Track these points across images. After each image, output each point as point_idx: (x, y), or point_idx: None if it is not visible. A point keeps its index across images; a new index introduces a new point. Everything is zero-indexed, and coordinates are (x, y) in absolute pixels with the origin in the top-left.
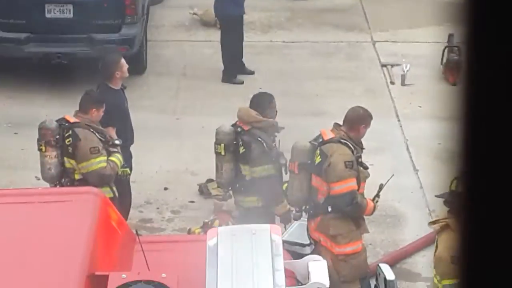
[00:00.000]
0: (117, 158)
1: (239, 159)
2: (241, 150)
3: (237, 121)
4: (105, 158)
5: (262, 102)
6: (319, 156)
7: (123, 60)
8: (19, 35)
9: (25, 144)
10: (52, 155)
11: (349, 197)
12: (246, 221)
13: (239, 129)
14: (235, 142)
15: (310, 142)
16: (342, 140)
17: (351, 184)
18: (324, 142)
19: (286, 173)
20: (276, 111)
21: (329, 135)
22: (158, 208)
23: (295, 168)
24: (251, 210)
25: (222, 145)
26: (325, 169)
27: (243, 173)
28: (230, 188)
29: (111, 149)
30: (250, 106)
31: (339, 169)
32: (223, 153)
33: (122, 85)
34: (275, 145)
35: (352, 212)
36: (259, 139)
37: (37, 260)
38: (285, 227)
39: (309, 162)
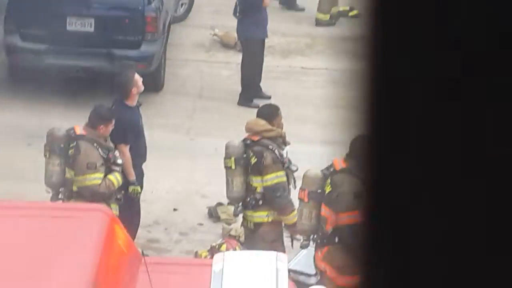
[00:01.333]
0: (115, 178)
1: (251, 171)
2: (253, 160)
3: (245, 136)
4: (101, 175)
5: (269, 112)
6: (329, 186)
7: (137, 75)
8: (39, 46)
9: (38, 156)
10: (55, 162)
11: (356, 229)
12: (253, 241)
13: (248, 142)
14: (245, 155)
15: (321, 171)
16: (353, 172)
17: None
18: (336, 172)
19: (291, 184)
20: (282, 124)
21: (341, 165)
22: (166, 229)
23: (305, 197)
24: (260, 226)
25: (232, 158)
26: (334, 199)
27: (254, 186)
28: (240, 204)
29: (113, 167)
30: (258, 117)
31: (348, 200)
32: (233, 167)
33: (137, 102)
34: (285, 156)
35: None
36: (270, 147)
37: (41, 275)
38: (291, 242)
39: (319, 191)
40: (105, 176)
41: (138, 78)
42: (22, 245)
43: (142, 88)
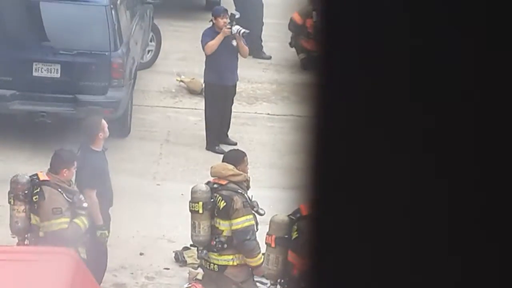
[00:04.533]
0: (82, 221)
1: (218, 215)
2: (221, 204)
3: (210, 180)
4: (67, 220)
5: (235, 158)
6: (296, 232)
7: (104, 121)
8: (4, 92)
9: (3, 201)
10: (20, 209)
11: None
12: (219, 283)
13: (215, 186)
14: (212, 200)
15: (288, 216)
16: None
17: None
18: (302, 218)
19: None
20: (247, 169)
21: (307, 211)
22: (132, 273)
23: (272, 242)
24: (225, 268)
25: (200, 203)
26: (301, 245)
27: (220, 229)
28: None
29: (78, 211)
30: (224, 161)
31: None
32: (201, 211)
33: (103, 147)
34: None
35: None
36: (239, 191)
37: None
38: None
39: (286, 236)
40: (71, 220)
41: (104, 124)
42: None
43: (108, 133)
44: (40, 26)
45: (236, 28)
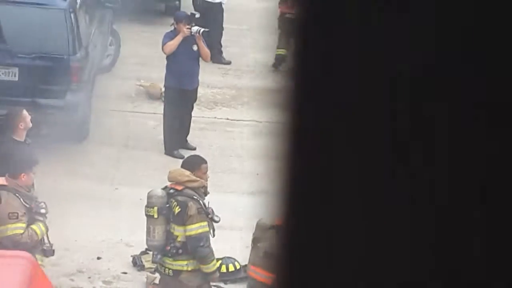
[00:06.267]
0: (39, 228)
1: (173, 220)
2: (176, 210)
3: (167, 184)
4: (24, 225)
5: (192, 163)
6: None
7: (25, 112)
8: None
9: None
10: None
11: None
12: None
13: (171, 191)
14: (167, 205)
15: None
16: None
17: None
18: (271, 227)
19: (210, 234)
20: (208, 176)
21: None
22: (89, 278)
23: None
24: (180, 274)
25: (155, 208)
26: (259, 256)
27: (175, 234)
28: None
29: (36, 217)
30: (182, 167)
31: (258, 255)
32: (156, 216)
33: (26, 139)
34: (208, 206)
35: None
36: (194, 197)
37: None
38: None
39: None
40: (28, 226)
41: (26, 115)
42: None
43: (30, 124)
44: None
45: (195, 28)
